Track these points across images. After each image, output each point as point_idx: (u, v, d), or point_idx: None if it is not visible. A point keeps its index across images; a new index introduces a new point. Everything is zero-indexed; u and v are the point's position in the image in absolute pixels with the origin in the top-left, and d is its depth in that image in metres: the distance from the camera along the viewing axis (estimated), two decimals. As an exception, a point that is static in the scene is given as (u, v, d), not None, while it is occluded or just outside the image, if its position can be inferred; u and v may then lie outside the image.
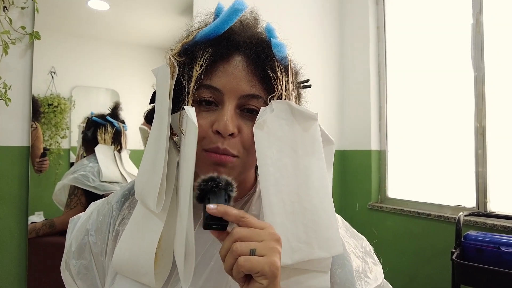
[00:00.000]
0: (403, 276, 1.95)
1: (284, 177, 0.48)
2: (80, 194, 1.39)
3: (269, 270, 0.39)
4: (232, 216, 0.41)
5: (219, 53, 0.49)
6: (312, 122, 0.51)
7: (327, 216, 0.49)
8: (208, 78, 0.49)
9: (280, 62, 0.51)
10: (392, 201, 2.12)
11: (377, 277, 0.53)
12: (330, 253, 0.48)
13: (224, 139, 0.48)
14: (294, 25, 2.15)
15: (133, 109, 1.69)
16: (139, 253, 0.51)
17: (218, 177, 0.44)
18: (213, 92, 0.49)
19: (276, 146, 0.49)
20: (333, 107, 2.33)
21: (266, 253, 0.40)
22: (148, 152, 0.52)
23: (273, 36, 0.52)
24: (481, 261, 1.31)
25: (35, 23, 1.36)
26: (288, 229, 0.47)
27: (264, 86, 0.50)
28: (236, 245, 0.40)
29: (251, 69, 0.49)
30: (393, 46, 2.20)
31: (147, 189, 0.50)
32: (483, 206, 1.70)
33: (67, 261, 0.61)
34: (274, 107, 0.49)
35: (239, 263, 0.39)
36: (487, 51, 1.71)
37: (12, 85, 1.30)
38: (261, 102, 0.50)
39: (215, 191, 0.43)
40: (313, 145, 0.50)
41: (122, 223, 0.58)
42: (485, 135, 1.71)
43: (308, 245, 0.47)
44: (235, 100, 0.49)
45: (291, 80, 0.51)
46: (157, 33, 1.79)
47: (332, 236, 0.48)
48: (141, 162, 0.53)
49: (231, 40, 0.50)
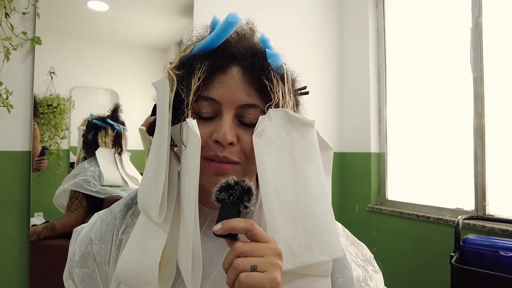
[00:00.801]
0: (402, 278, 1.96)
1: (284, 183, 0.49)
2: (81, 197, 1.39)
3: (270, 287, 0.40)
4: (239, 230, 0.42)
5: (216, 65, 0.50)
6: (309, 128, 0.52)
7: (326, 221, 0.50)
8: (206, 90, 0.50)
9: (276, 71, 0.52)
10: (391, 203, 2.13)
11: (377, 285, 0.54)
12: (331, 257, 0.49)
13: (223, 148, 0.49)
14: (293, 27, 2.15)
15: (133, 110, 1.69)
16: (143, 262, 0.51)
17: (235, 184, 0.44)
18: (212, 103, 0.50)
19: (275, 154, 0.50)
20: (333, 109, 2.33)
21: (267, 269, 0.41)
22: (150, 163, 0.52)
23: (267, 46, 0.53)
24: (480, 265, 1.32)
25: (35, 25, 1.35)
26: (289, 235, 0.48)
27: (261, 95, 0.51)
28: (238, 261, 0.40)
29: (247, 79, 0.50)
30: (392, 49, 2.20)
31: (149, 200, 0.51)
32: (481, 209, 1.71)
33: (71, 270, 0.61)
34: (272, 116, 0.50)
35: (241, 280, 0.39)
36: (486, 53, 1.72)
37: (14, 91, 1.30)
38: (259, 111, 0.51)
39: (228, 204, 0.43)
40: (311, 151, 0.52)
41: (126, 232, 0.58)
42: (483, 138, 1.72)
43: (309, 250, 0.48)
44: (233, 110, 0.50)
45: (288, 88, 0.53)
46: (156, 33, 1.78)
47: (332, 240, 0.49)
48: (143, 172, 0.54)
49: (227, 52, 0.51)
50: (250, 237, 0.43)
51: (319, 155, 0.52)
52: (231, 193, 0.44)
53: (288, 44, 0.59)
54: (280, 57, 0.52)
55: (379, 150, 2.21)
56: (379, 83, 2.23)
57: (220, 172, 0.50)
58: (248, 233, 0.42)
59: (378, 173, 2.20)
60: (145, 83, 1.74)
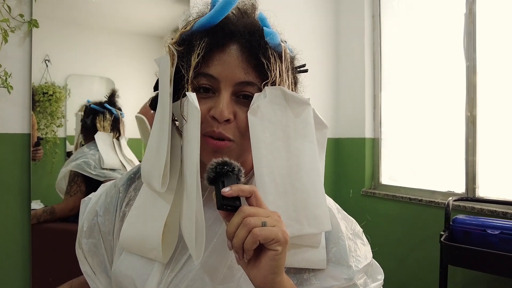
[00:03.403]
0: (395, 260, 2.02)
1: (277, 159, 0.51)
2: (80, 181, 1.41)
3: (282, 237, 0.43)
4: (246, 191, 0.45)
5: (215, 42, 0.51)
6: (305, 106, 0.53)
7: (316, 196, 0.52)
8: (205, 66, 0.51)
9: (274, 50, 0.52)
10: (385, 187, 2.17)
11: (366, 256, 0.57)
12: (319, 230, 0.51)
13: (219, 124, 0.51)
14: (289, 13, 2.15)
15: (129, 98, 1.69)
16: (147, 229, 0.54)
17: (231, 162, 0.47)
18: (210, 80, 0.51)
19: (269, 130, 0.51)
20: (328, 95, 2.35)
21: (276, 224, 0.44)
22: (153, 136, 0.54)
23: (265, 25, 0.53)
24: (468, 243, 1.37)
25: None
26: (280, 207, 0.50)
27: (258, 73, 0.52)
28: (250, 219, 0.43)
29: (245, 57, 0.51)
30: (388, 35, 2.21)
31: (152, 171, 0.53)
32: (472, 191, 1.76)
33: (80, 240, 0.64)
34: (267, 93, 0.51)
35: (255, 233, 0.42)
36: (479, 41, 1.74)
37: (12, 73, 1.30)
38: (256, 88, 0.52)
39: (229, 175, 0.46)
40: (305, 129, 0.53)
41: (129, 204, 0.61)
42: (475, 124, 1.76)
43: (297, 222, 0.50)
44: (231, 87, 0.51)
45: (285, 66, 0.53)
46: (152, 21, 1.78)
47: (321, 214, 0.51)
48: (146, 146, 0.56)
49: (226, 30, 0.52)
50: (253, 200, 0.45)
51: (313, 133, 0.53)
52: (232, 167, 0.46)
53: (282, 29, 0.59)
54: (278, 36, 0.52)
55: (374, 136, 2.24)
56: (374, 70, 2.24)
57: (216, 149, 0.51)
58: (251, 196, 0.45)
59: (372, 158, 2.24)
60: (141, 70, 1.74)
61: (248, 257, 0.44)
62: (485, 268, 1.32)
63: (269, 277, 0.44)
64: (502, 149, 1.70)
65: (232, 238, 0.44)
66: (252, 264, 0.45)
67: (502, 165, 1.70)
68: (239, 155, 0.54)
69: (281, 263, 0.44)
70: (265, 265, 0.43)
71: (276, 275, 0.44)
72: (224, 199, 0.44)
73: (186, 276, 0.52)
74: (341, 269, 0.53)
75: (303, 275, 0.53)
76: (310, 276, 0.53)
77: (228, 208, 0.45)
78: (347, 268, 0.53)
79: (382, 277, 0.59)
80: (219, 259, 0.53)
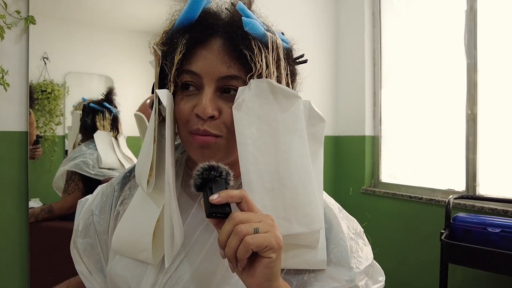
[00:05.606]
0: (395, 258, 2.02)
1: (264, 155, 0.49)
2: (77, 179, 1.41)
3: (276, 243, 0.41)
4: (235, 197, 0.43)
5: (195, 37, 0.49)
6: (294, 100, 0.50)
7: (306, 193, 0.49)
8: (188, 63, 0.50)
9: (259, 40, 0.49)
10: (385, 185, 2.16)
11: (367, 257, 0.56)
12: (309, 229, 0.49)
13: (204, 122, 0.49)
14: (288, 10, 2.14)
15: (128, 96, 1.68)
16: (138, 230, 0.53)
17: (218, 166, 0.44)
18: (193, 77, 0.50)
19: (256, 126, 0.49)
20: (328, 93, 2.34)
21: (269, 229, 0.42)
22: (146, 137, 0.54)
23: (246, 15, 0.50)
24: (469, 241, 1.36)
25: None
26: (267, 206, 0.48)
27: (242, 66, 0.49)
28: (241, 227, 0.40)
29: (227, 50, 0.49)
30: (388, 33, 2.20)
31: (140, 173, 0.53)
32: (472, 189, 1.75)
33: (75, 240, 0.64)
34: (253, 86, 0.48)
35: (247, 241, 0.40)
36: (480, 39, 1.73)
37: (9, 70, 1.29)
38: (241, 82, 0.49)
39: (217, 180, 0.44)
40: (295, 124, 0.50)
41: (123, 203, 0.60)
42: (476, 122, 1.75)
43: (287, 221, 0.48)
44: (214, 83, 0.49)
45: (273, 57, 0.50)
46: (150, 18, 1.76)
47: (311, 212, 0.49)
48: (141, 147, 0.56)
49: (205, 24, 0.50)
50: (244, 205, 0.43)
51: (303, 128, 0.51)
52: (220, 171, 0.44)
53: (283, 27, 0.57)
54: (258, 25, 0.49)
55: (374, 134, 2.24)
56: (374, 67, 2.23)
57: (203, 145, 0.50)
58: (242, 201, 0.43)
59: (372, 156, 2.23)
60: (140, 68, 1.73)
61: (242, 266, 0.42)
62: (485, 266, 1.32)
63: (264, 285, 0.42)
64: (502, 147, 1.69)
65: (224, 246, 0.42)
66: (247, 271, 0.43)
67: (502, 163, 1.69)
68: (229, 152, 0.52)
69: (276, 270, 0.42)
70: (260, 273, 0.42)
71: (272, 282, 0.42)
72: (212, 206, 0.42)
73: (181, 278, 0.51)
74: (342, 270, 0.52)
75: (303, 276, 0.52)
76: (311, 278, 0.51)
77: (218, 216, 0.43)
78: (348, 270, 0.52)
79: (383, 278, 0.58)
80: (215, 262, 0.52)
